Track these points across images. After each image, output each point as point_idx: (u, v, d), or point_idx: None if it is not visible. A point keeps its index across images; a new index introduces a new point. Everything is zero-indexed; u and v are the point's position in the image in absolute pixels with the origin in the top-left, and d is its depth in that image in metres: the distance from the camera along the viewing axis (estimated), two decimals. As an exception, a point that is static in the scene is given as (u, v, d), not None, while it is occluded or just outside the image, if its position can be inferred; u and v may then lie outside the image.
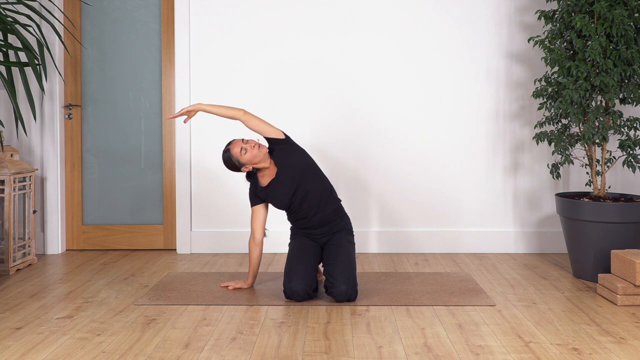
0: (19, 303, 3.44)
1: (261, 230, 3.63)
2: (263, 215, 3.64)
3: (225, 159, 3.56)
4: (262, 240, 3.64)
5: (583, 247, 3.87)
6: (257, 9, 4.68)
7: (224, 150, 3.59)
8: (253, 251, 3.64)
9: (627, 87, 3.85)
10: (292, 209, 3.59)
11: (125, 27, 4.79)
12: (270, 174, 3.59)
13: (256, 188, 3.63)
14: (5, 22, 3.89)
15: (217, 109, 3.61)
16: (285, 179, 3.54)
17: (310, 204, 3.55)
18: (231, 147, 3.53)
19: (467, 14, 4.65)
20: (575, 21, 3.78)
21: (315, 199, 3.56)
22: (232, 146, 3.53)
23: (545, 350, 2.72)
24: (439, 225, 4.72)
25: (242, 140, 3.54)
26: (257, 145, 3.50)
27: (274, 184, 3.56)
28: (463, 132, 4.69)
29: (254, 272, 3.67)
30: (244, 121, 3.60)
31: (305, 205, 3.55)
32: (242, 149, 3.49)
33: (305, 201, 3.55)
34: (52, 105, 4.67)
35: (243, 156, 3.50)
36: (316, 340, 2.85)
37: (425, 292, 3.59)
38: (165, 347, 2.77)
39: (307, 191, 3.54)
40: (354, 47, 4.67)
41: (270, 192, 3.57)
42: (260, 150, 3.49)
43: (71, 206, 4.81)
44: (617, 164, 4.66)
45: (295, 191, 3.54)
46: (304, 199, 3.54)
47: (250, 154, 3.49)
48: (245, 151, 3.49)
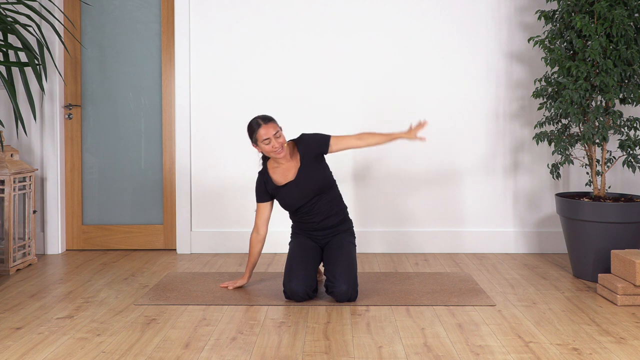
0: (19, 303, 3.43)
1: (265, 226, 3.59)
2: (269, 212, 3.60)
3: (249, 126, 3.43)
4: (265, 237, 3.62)
5: (583, 247, 3.87)
6: (257, 9, 4.68)
7: (257, 118, 3.43)
8: (255, 246, 3.61)
9: (627, 87, 3.85)
10: (299, 212, 3.57)
11: (125, 27, 4.79)
12: (286, 173, 3.52)
13: (266, 184, 3.55)
14: (5, 22, 3.89)
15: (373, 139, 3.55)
16: (305, 189, 3.49)
17: (320, 211, 3.55)
18: (262, 129, 3.38)
19: (467, 14, 4.65)
20: (575, 21, 3.78)
21: (325, 209, 3.55)
22: (264, 128, 3.38)
23: (545, 350, 2.72)
24: (439, 225, 4.72)
25: (277, 133, 3.39)
26: (283, 148, 3.41)
27: (291, 186, 3.50)
28: (463, 132, 4.68)
29: (252, 267, 3.66)
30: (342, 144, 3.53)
31: (314, 212, 3.54)
32: (269, 139, 3.37)
33: (314, 209, 3.54)
34: (52, 105, 4.67)
35: (263, 144, 3.39)
36: (316, 340, 2.85)
37: (425, 292, 3.59)
38: (165, 347, 2.76)
39: (320, 201, 3.53)
40: (353, 47, 4.67)
41: (284, 193, 3.51)
42: (283, 154, 3.42)
43: (71, 206, 4.81)
44: (617, 164, 4.65)
45: (309, 200, 3.52)
46: (314, 207, 3.53)
47: (270, 149, 3.39)
48: (269, 142, 3.37)
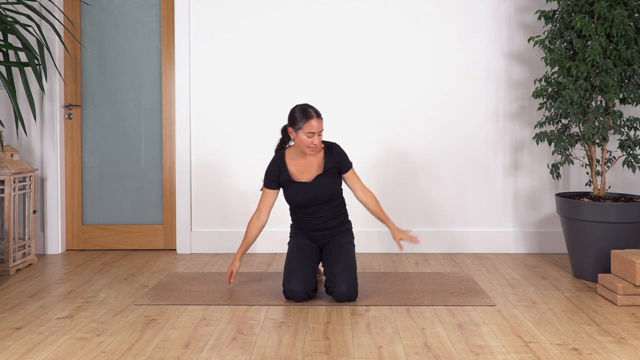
0: (19, 303, 3.43)
1: (268, 214, 3.56)
2: (274, 200, 3.58)
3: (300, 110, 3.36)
4: (265, 225, 3.60)
5: (583, 247, 3.87)
6: (257, 9, 4.68)
7: (310, 108, 3.36)
8: (253, 230, 3.56)
9: (627, 87, 3.85)
10: (301, 212, 3.58)
11: (125, 27, 4.79)
12: (305, 170, 3.51)
13: (279, 173, 3.52)
14: (5, 22, 3.89)
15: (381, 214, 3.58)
16: (317, 194, 3.50)
17: (322, 215, 3.56)
18: (314, 120, 3.34)
19: (467, 14, 4.65)
20: (575, 21, 3.78)
21: (328, 213, 3.57)
22: (316, 121, 3.34)
23: (545, 350, 2.72)
24: (439, 225, 4.72)
25: (321, 131, 3.36)
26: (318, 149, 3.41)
27: (305, 187, 3.49)
28: (463, 132, 4.68)
29: (245, 251, 3.58)
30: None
31: (317, 214, 3.56)
32: (314, 133, 3.34)
33: (318, 212, 3.55)
34: (52, 105, 4.67)
35: (305, 135, 3.34)
36: (316, 340, 2.85)
37: (425, 292, 3.59)
38: (165, 347, 2.76)
39: (324, 206, 3.54)
40: (353, 47, 4.67)
41: (295, 190, 3.50)
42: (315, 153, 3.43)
43: (71, 206, 4.81)
44: (617, 164, 4.66)
45: (315, 204, 3.53)
46: (317, 210, 3.55)
47: (309, 143, 3.35)
48: (312, 136, 3.33)
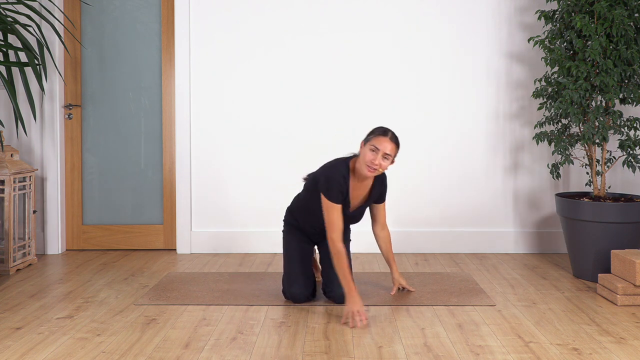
0: (19, 303, 3.43)
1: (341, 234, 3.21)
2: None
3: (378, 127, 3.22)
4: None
5: (583, 247, 3.87)
6: (257, 9, 4.68)
7: (390, 130, 3.20)
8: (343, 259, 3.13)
9: (627, 87, 3.85)
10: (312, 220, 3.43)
11: (125, 27, 4.79)
12: (359, 192, 3.36)
13: (347, 187, 3.26)
14: (5, 22, 3.89)
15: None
16: (351, 220, 3.41)
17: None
18: (384, 140, 3.15)
19: (467, 14, 4.65)
20: (575, 21, 3.78)
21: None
22: (386, 142, 3.15)
23: (545, 350, 2.72)
24: (439, 225, 4.72)
25: (387, 156, 3.16)
26: (376, 171, 3.18)
27: (348, 214, 3.36)
28: (463, 132, 4.68)
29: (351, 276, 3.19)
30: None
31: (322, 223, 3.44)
32: (378, 151, 3.15)
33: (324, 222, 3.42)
34: (52, 105, 4.67)
35: (370, 150, 3.17)
36: (316, 340, 2.85)
37: (425, 292, 3.59)
38: (165, 347, 2.76)
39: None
40: (353, 47, 4.67)
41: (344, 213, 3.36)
42: (371, 175, 3.21)
43: (71, 206, 4.81)
44: (617, 164, 4.66)
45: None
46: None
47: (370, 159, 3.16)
48: (376, 153, 3.15)
